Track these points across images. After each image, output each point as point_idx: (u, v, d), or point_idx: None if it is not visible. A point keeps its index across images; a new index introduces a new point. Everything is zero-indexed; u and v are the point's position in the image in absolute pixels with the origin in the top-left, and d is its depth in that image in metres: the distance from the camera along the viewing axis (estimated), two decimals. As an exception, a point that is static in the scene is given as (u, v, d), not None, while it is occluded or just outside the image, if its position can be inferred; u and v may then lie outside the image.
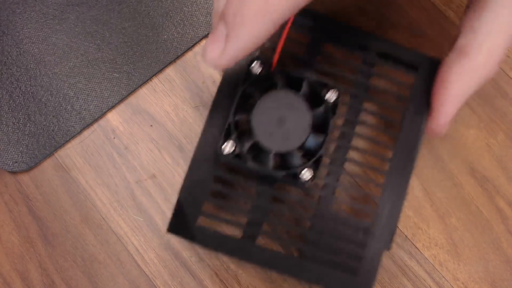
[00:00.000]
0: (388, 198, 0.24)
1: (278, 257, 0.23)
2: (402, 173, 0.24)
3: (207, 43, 0.19)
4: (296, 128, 0.23)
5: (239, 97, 0.23)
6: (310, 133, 0.23)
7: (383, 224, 0.24)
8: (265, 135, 0.23)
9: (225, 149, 0.23)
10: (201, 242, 0.23)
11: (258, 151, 0.23)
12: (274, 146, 0.23)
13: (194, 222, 0.23)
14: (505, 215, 0.28)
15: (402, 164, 0.24)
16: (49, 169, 0.28)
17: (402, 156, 0.24)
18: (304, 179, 0.23)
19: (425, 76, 0.25)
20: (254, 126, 0.23)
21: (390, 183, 0.24)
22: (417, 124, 0.24)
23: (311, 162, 0.23)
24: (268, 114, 0.23)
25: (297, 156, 0.23)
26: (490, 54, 0.22)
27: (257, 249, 0.23)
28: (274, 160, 0.23)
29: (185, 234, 0.23)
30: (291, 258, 0.23)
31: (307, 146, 0.23)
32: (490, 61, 0.22)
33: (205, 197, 0.23)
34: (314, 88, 0.24)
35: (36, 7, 0.31)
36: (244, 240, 0.23)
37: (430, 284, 0.27)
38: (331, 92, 0.24)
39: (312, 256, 0.23)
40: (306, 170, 0.23)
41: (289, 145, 0.23)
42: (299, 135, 0.23)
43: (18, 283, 0.27)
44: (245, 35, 0.18)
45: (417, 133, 0.24)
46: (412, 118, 0.24)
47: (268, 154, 0.23)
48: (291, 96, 0.23)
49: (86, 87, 0.29)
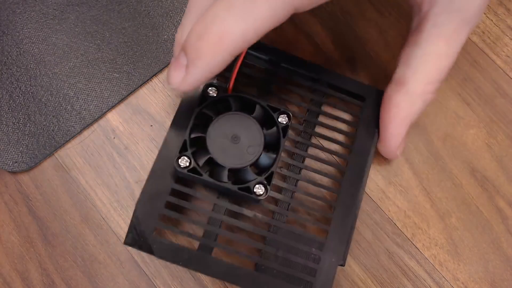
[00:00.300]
0: (340, 215, 0.26)
1: (234, 269, 0.24)
2: (353, 193, 0.26)
3: (169, 69, 0.22)
4: (249, 146, 0.25)
5: (195, 116, 0.25)
6: (262, 151, 0.25)
7: (336, 240, 0.25)
8: (220, 151, 0.25)
9: (180, 163, 0.24)
10: (158, 254, 0.24)
11: (214, 166, 0.25)
12: (227, 163, 0.25)
13: (150, 234, 0.24)
14: (505, 215, 0.28)
15: (353, 183, 0.26)
16: (49, 169, 0.28)
17: (353, 176, 0.26)
18: (257, 194, 0.24)
19: (371, 104, 0.28)
20: (209, 143, 0.25)
21: (341, 202, 0.26)
22: (366, 146, 0.27)
23: (263, 178, 0.24)
24: (223, 133, 0.25)
25: (250, 172, 0.25)
26: (424, 83, 0.25)
27: (212, 261, 0.24)
28: (228, 175, 0.25)
29: (141, 246, 0.24)
30: (247, 271, 0.24)
31: (260, 163, 0.25)
32: (425, 89, 0.25)
33: (162, 210, 0.25)
34: (267, 112, 0.26)
35: (36, 7, 0.31)
36: (200, 252, 0.25)
37: (430, 284, 0.27)
38: (283, 116, 0.26)
39: (268, 269, 0.25)
40: (259, 185, 0.24)
41: (242, 162, 0.25)
42: (252, 153, 0.25)
43: (18, 283, 0.27)
44: (202, 66, 0.20)
45: (366, 154, 0.27)
46: (361, 141, 0.27)
47: (223, 169, 0.25)
48: (245, 118, 0.25)
49: (86, 87, 0.29)
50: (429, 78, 0.25)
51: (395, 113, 0.26)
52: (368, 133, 0.27)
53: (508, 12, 0.31)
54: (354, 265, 0.27)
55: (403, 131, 0.26)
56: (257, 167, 0.25)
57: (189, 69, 0.21)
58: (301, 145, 0.27)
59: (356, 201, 0.26)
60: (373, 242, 0.27)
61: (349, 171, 0.26)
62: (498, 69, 0.30)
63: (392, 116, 0.26)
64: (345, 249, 0.25)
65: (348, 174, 0.26)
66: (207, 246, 0.25)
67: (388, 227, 0.28)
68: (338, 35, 0.31)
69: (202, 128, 0.25)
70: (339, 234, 0.25)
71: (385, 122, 0.26)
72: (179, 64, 0.21)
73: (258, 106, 0.26)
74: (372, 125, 0.27)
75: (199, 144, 0.25)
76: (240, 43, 0.20)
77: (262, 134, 0.25)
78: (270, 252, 0.25)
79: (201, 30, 0.20)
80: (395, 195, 0.28)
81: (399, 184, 0.28)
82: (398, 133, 0.26)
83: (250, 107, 0.26)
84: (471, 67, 0.30)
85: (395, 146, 0.26)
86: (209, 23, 0.20)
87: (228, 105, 0.26)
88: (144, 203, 0.25)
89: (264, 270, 0.25)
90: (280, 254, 0.25)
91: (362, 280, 0.27)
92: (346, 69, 0.30)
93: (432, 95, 0.25)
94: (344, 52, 0.30)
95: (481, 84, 0.30)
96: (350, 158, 0.27)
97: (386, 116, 0.26)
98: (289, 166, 0.27)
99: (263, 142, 0.25)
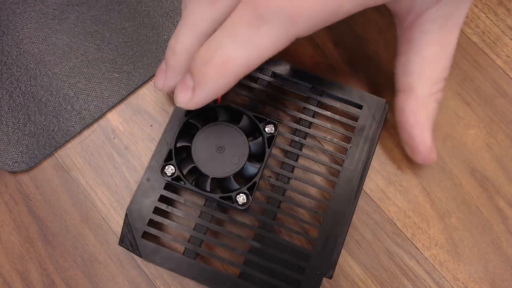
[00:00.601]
0: (328, 227, 0.25)
1: (217, 275, 0.25)
2: (344, 205, 0.26)
3: (177, 90, 0.23)
4: (234, 156, 0.25)
5: (181, 126, 0.26)
6: (247, 161, 0.25)
7: (322, 252, 0.25)
8: (204, 160, 0.25)
9: (166, 171, 0.25)
10: (145, 257, 0.25)
11: (198, 175, 0.26)
12: (211, 172, 0.25)
13: (139, 237, 0.25)
14: (505, 215, 0.28)
15: (344, 195, 0.26)
16: (49, 169, 0.28)
17: (344, 188, 0.26)
18: (239, 203, 0.25)
19: (368, 113, 0.27)
20: (194, 152, 0.25)
21: (331, 214, 0.26)
22: (361, 157, 0.26)
23: (245, 188, 0.25)
24: (208, 142, 0.26)
25: (234, 182, 0.25)
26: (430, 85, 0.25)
27: (197, 267, 0.25)
28: (213, 184, 0.25)
29: (131, 247, 0.25)
30: (231, 278, 0.25)
31: (245, 173, 0.26)
32: (433, 90, 0.26)
33: (150, 215, 0.25)
34: (253, 122, 0.26)
35: (36, 7, 0.31)
36: (185, 257, 0.25)
37: (430, 284, 0.27)
38: (269, 126, 0.26)
39: (251, 278, 0.25)
40: (242, 195, 0.25)
41: (225, 172, 0.25)
42: (235, 162, 0.25)
43: (18, 283, 0.27)
44: (207, 89, 0.22)
45: (360, 165, 0.26)
46: (355, 152, 0.27)
47: (207, 178, 0.25)
48: (230, 128, 0.26)
49: (86, 87, 0.29)
50: (433, 80, 0.25)
51: (414, 120, 0.26)
52: (363, 144, 0.27)
53: (508, 12, 0.31)
54: (354, 265, 0.27)
55: (428, 134, 0.26)
56: (242, 176, 0.26)
57: (195, 91, 0.22)
58: (291, 154, 0.27)
59: (346, 213, 0.25)
60: (373, 242, 0.27)
61: (340, 182, 0.26)
62: (498, 69, 0.30)
63: (413, 124, 0.26)
64: (332, 261, 0.25)
65: (340, 185, 0.26)
66: (192, 251, 0.25)
67: (388, 227, 0.28)
68: (338, 35, 0.31)
69: (189, 137, 0.26)
70: (326, 246, 0.25)
71: (408, 132, 0.26)
72: (185, 86, 0.22)
73: (245, 116, 0.26)
74: (367, 136, 0.27)
75: (184, 152, 0.26)
76: (244, 69, 0.21)
77: (248, 144, 0.25)
78: (255, 260, 0.25)
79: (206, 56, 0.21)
80: (395, 195, 0.28)
81: (399, 184, 0.28)
82: (425, 137, 0.26)
83: (237, 117, 0.26)
84: (471, 67, 0.30)
85: (428, 151, 0.26)
86: (213, 50, 0.21)
87: (216, 115, 0.26)
88: (134, 207, 0.26)
89: (248, 278, 0.25)
90: (264, 263, 0.25)
91: (362, 280, 0.27)
92: (345, 70, 0.30)
93: (441, 92, 0.26)
94: (344, 52, 0.30)
95: (481, 84, 0.30)
96: (343, 169, 0.26)
97: (407, 126, 0.26)
98: (278, 176, 0.26)
99: (247, 152, 0.25)
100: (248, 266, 0.25)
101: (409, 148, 0.27)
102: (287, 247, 0.25)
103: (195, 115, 0.26)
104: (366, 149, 0.27)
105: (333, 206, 0.26)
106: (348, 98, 0.27)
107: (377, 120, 0.27)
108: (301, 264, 0.25)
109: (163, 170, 0.25)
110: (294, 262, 0.25)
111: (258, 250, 0.25)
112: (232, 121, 0.26)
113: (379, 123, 0.27)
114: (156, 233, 0.25)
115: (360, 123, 0.27)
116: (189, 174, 0.26)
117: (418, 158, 0.27)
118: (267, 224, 0.26)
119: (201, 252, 0.25)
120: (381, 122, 0.27)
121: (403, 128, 0.26)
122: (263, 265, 0.25)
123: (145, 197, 0.26)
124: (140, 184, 0.26)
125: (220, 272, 0.25)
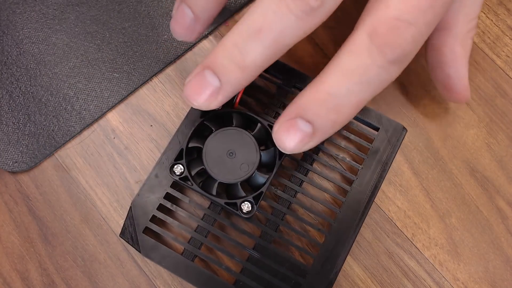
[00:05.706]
0: (330, 245, 0.25)
1: (212, 280, 0.25)
2: (348, 225, 0.25)
3: (288, 135, 0.22)
4: (243, 163, 0.25)
5: (195, 127, 0.26)
6: (256, 170, 0.25)
7: (321, 270, 0.25)
8: (213, 164, 0.25)
9: (175, 170, 0.25)
10: (144, 253, 0.25)
11: (206, 177, 0.25)
12: (218, 176, 0.25)
13: (140, 232, 0.25)
14: (505, 215, 0.28)
15: (350, 215, 0.25)
16: (49, 169, 0.28)
17: (351, 208, 0.26)
18: (243, 211, 0.24)
19: (384, 136, 0.27)
20: (205, 154, 0.25)
21: (334, 232, 0.25)
22: (372, 180, 0.26)
23: (251, 196, 0.25)
24: (219, 146, 0.25)
25: (240, 189, 0.25)
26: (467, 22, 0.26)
27: (193, 269, 0.25)
28: (219, 188, 0.25)
29: (131, 241, 0.25)
30: (225, 284, 0.25)
31: (253, 181, 0.25)
32: (469, 27, 0.26)
33: (154, 211, 0.26)
34: (268, 132, 0.26)
35: (36, 7, 0.31)
36: (183, 258, 0.25)
37: (430, 284, 0.27)
38: None
39: (246, 287, 0.25)
40: (247, 203, 0.25)
41: (233, 178, 0.25)
42: (244, 170, 0.25)
43: (18, 283, 0.27)
44: (330, 134, 0.22)
45: (370, 188, 0.26)
46: (366, 174, 0.26)
47: (214, 182, 0.25)
48: (244, 134, 0.25)
49: (86, 87, 0.29)
50: (469, 16, 0.26)
51: (452, 57, 0.26)
52: (375, 167, 0.26)
53: (508, 12, 0.31)
54: (354, 265, 0.27)
55: (466, 71, 0.26)
56: (250, 185, 0.26)
57: (315, 136, 0.22)
58: (301, 168, 0.27)
59: (350, 234, 0.25)
60: (373, 242, 0.27)
61: (348, 202, 0.26)
62: (498, 69, 0.30)
63: (450, 61, 0.26)
64: (330, 281, 0.24)
65: (347, 205, 0.26)
66: (190, 252, 0.25)
67: (388, 227, 0.28)
68: (338, 35, 0.31)
69: (202, 139, 0.26)
70: (326, 265, 0.25)
71: (446, 69, 0.26)
72: (299, 130, 0.22)
73: (259, 125, 0.26)
74: (380, 160, 0.26)
75: (195, 153, 0.26)
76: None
77: (259, 153, 0.25)
78: (252, 270, 0.25)
79: (337, 106, 0.21)
80: (395, 195, 0.28)
81: (399, 184, 0.28)
82: (463, 74, 0.26)
83: (252, 124, 0.26)
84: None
85: (465, 88, 0.26)
86: (343, 98, 0.21)
87: (230, 119, 0.26)
88: (139, 201, 0.26)
89: (243, 287, 0.25)
90: (261, 274, 0.25)
91: (362, 280, 0.27)
92: None
93: (475, 29, 0.26)
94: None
95: (481, 84, 0.30)
96: (352, 189, 0.26)
97: (444, 65, 0.26)
98: (285, 188, 0.26)
99: (258, 161, 0.25)
100: (245, 275, 0.25)
101: (444, 87, 0.27)
102: (286, 260, 0.25)
103: (210, 117, 0.26)
104: (377, 172, 0.26)
105: (338, 225, 0.25)
106: (365, 119, 0.27)
107: (392, 145, 0.26)
108: (298, 279, 0.24)
109: (172, 169, 0.25)
110: (291, 276, 0.25)
111: (257, 260, 0.25)
112: (246, 127, 0.26)
113: (394, 147, 0.27)
114: (157, 230, 0.25)
115: (374, 146, 0.27)
116: (197, 175, 0.26)
117: (455, 96, 0.27)
118: (268, 235, 0.25)
119: (200, 254, 0.25)
120: (396, 147, 0.27)
121: (439, 67, 0.26)
122: (259, 276, 0.25)
123: (151, 192, 0.26)
124: (148, 179, 0.26)
125: (215, 278, 0.25)
